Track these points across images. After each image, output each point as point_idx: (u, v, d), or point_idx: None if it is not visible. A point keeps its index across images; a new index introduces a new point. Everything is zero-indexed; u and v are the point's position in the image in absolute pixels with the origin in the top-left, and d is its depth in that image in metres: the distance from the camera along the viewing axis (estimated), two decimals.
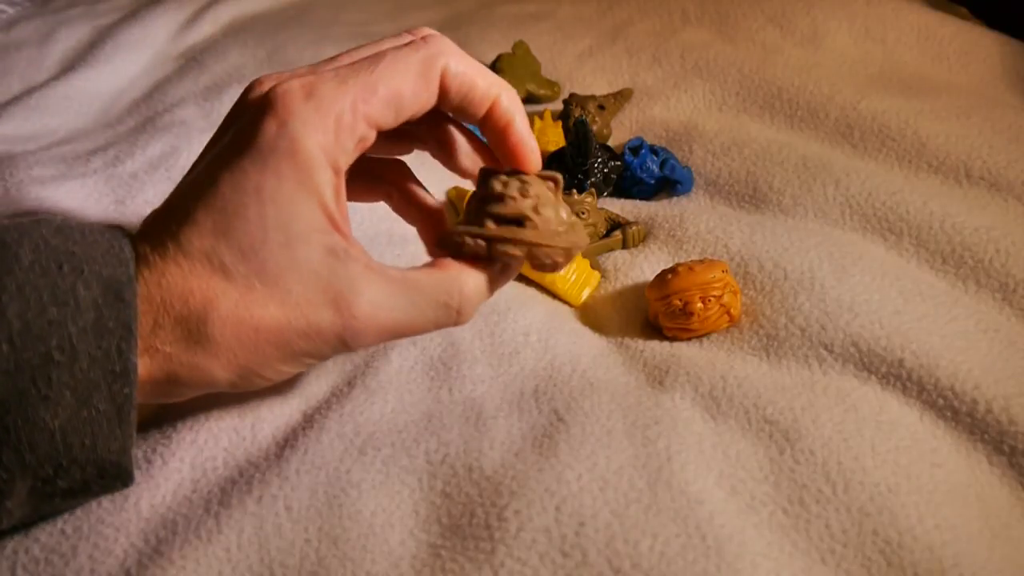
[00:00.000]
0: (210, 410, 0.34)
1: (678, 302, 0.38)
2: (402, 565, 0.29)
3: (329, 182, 0.28)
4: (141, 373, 0.27)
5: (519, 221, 0.30)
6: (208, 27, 0.78)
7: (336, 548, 0.29)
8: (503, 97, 0.31)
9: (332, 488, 0.31)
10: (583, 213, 0.45)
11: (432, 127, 0.33)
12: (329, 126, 0.27)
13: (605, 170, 0.50)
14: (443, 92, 0.30)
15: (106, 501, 0.30)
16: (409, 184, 0.35)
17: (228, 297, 0.27)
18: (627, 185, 0.51)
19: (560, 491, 0.30)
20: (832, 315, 0.37)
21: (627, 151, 0.51)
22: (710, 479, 0.31)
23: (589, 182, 0.50)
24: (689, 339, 0.39)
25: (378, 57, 0.29)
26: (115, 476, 0.28)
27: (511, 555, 0.28)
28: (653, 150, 0.51)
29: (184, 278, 0.27)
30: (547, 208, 0.30)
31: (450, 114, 0.32)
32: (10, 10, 0.85)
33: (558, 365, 0.37)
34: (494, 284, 0.31)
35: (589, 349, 0.38)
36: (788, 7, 0.66)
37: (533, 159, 0.31)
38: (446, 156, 0.33)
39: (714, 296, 0.38)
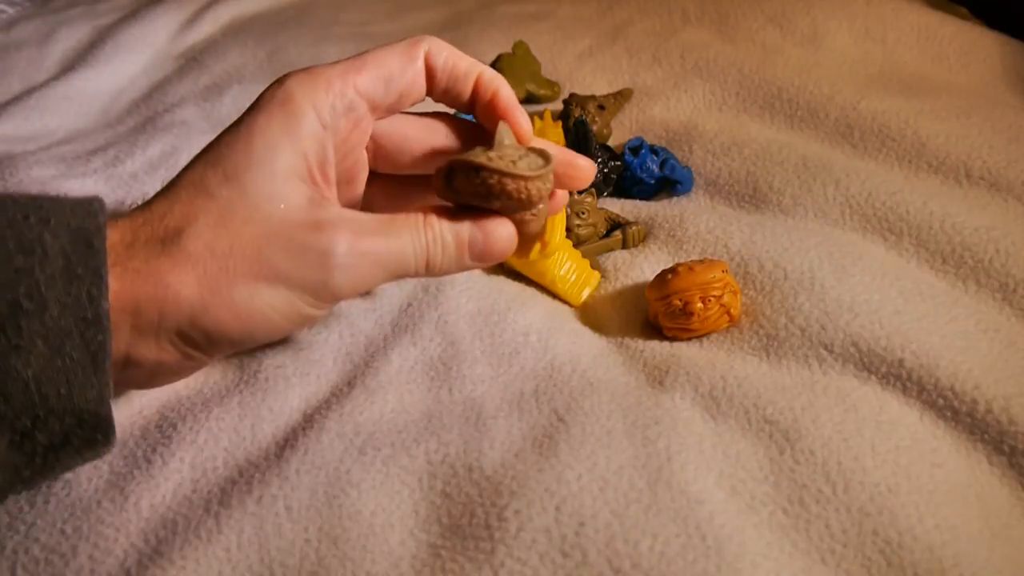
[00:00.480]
0: (210, 410, 0.34)
1: (678, 302, 0.38)
2: (402, 565, 0.29)
3: (314, 135, 0.30)
4: (112, 295, 0.27)
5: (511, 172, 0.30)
6: (208, 27, 0.78)
7: (336, 548, 0.29)
8: (485, 73, 0.33)
9: (332, 488, 0.31)
10: (583, 213, 0.45)
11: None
12: (320, 86, 0.30)
13: (605, 170, 0.50)
14: (430, 75, 0.33)
15: (106, 501, 0.30)
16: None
17: (209, 213, 0.28)
18: (627, 185, 0.51)
19: (560, 491, 0.30)
20: (832, 315, 0.37)
21: (627, 151, 0.51)
22: (710, 479, 0.31)
23: None
24: (689, 339, 0.39)
25: (368, 50, 0.32)
26: (94, 427, 0.27)
27: (511, 555, 0.28)
28: (653, 150, 0.51)
29: (168, 204, 0.28)
30: (525, 160, 0.30)
31: (442, 103, 0.34)
32: (10, 10, 0.85)
33: (558, 365, 0.37)
34: (473, 245, 0.31)
35: (589, 349, 0.38)
36: (788, 7, 0.66)
37: (523, 120, 0.33)
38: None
39: (714, 296, 0.38)
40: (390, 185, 0.36)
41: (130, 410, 0.34)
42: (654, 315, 0.39)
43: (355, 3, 0.84)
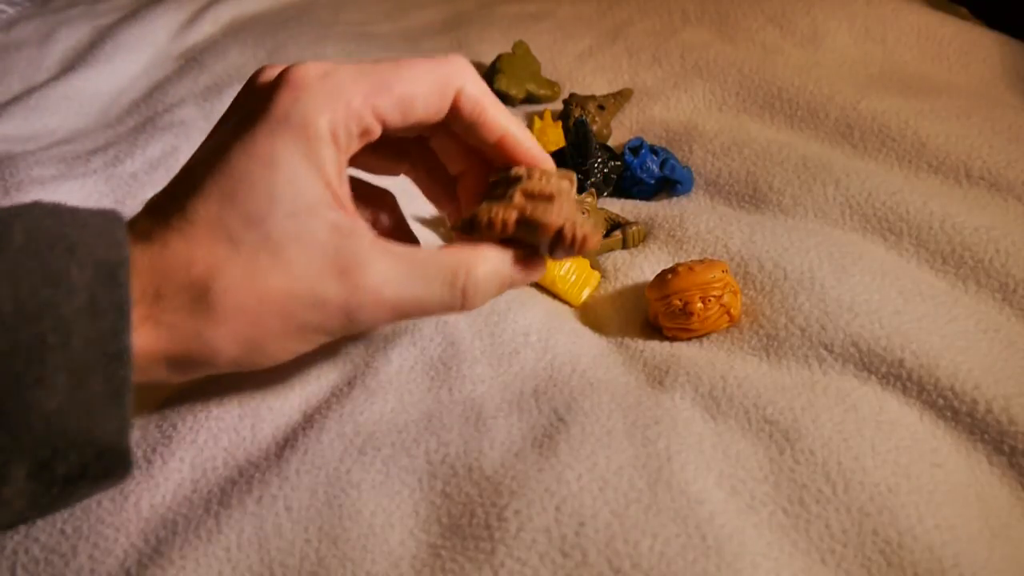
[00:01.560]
0: (210, 410, 0.34)
1: (678, 302, 0.38)
2: (402, 565, 0.29)
3: (333, 160, 0.28)
4: (145, 346, 0.27)
5: (549, 198, 0.30)
6: (208, 27, 0.78)
7: (336, 548, 0.29)
8: (513, 128, 0.32)
9: (332, 488, 0.31)
10: (583, 213, 0.45)
11: (423, 148, 0.35)
12: (339, 108, 0.28)
13: (605, 170, 0.50)
14: (456, 110, 0.31)
15: (106, 501, 0.30)
16: (431, 157, 0.35)
17: (233, 265, 0.27)
18: (627, 185, 0.51)
19: (560, 491, 0.30)
20: (832, 315, 0.37)
21: (627, 151, 0.51)
22: (710, 479, 0.31)
23: (589, 182, 0.50)
24: (689, 339, 0.39)
25: (399, 63, 0.30)
26: (113, 460, 0.27)
27: (511, 555, 0.28)
28: (653, 150, 0.51)
29: (188, 247, 0.27)
30: (569, 193, 0.30)
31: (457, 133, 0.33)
32: (10, 10, 0.85)
33: (558, 365, 0.37)
34: (512, 274, 0.31)
35: (589, 349, 0.38)
36: (788, 7, 0.66)
37: (550, 166, 0.33)
38: (434, 170, 0.35)
39: (714, 296, 0.38)
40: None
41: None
42: (654, 315, 0.39)
43: (355, 3, 0.84)
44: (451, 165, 0.35)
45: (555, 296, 0.43)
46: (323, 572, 0.28)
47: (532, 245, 0.31)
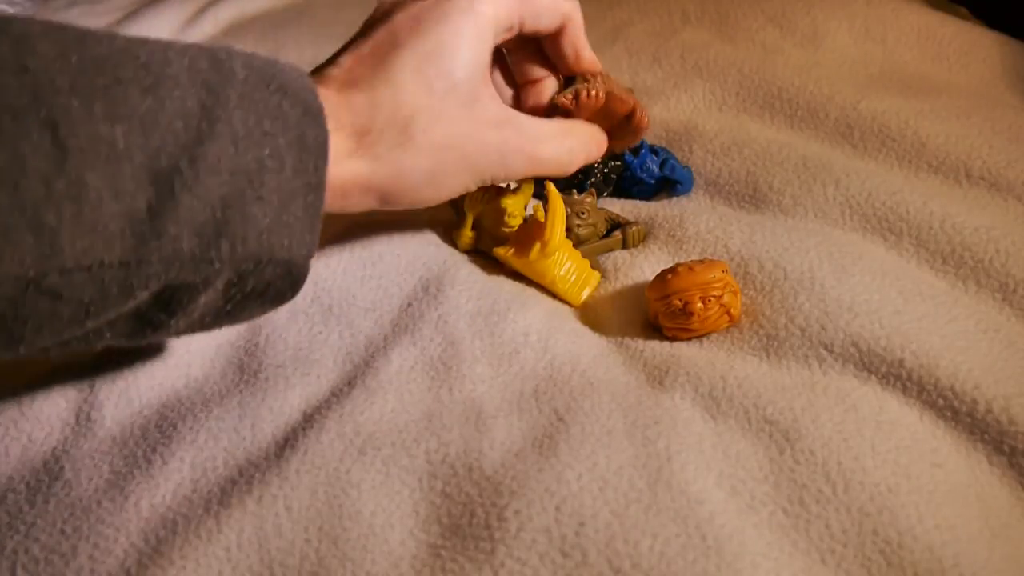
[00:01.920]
0: (210, 410, 0.34)
1: (678, 302, 0.38)
2: (402, 565, 0.29)
3: (492, 41, 0.37)
4: (354, 171, 0.33)
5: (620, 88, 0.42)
6: (208, 27, 0.78)
7: (336, 548, 0.29)
8: (592, 54, 0.43)
9: (332, 488, 0.31)
10: (583, 213, 0.45)
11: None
12: (503, 5, 0.37)
13: (605, 170, 0.50)
14: (561, 31, 0.41)
15: (106, 501, 0.30)
16: (504, 67, 0.44)
17: (431, 109, 0.34)
18: (627, 185, 0.51)
19: (560, 491, 0.30)
20: (832, 315, 0.37)
21: (627, 151, 0.51)
22: (710, 479, 0.31)
23: (589, 182, 0.50)
24: (689, 339, 0.39)
25: None
26: (296, 278, 0.31)
27: (511, 555, 0.28)
28: (653, 150, 0.51)
29: (394, 93, 0.34)
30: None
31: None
32: (10, 10, 0.85)
33: (558, 365, 0.37)
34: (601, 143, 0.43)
35: (589, 349, 0.38)
36: (788, 7, 0.66)
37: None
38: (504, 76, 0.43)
39: (714, 296, 0.38)
40: None
41: (130, 410, 0.34)
42: (654, 315, 0.39)
43: (355, 3, 0.84)
44: (520, 75, 0.43)
45: (555, 296, 0.43)
46: (323, 572, 0.28)
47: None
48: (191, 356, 0.37)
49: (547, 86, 0.43)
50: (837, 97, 0.55)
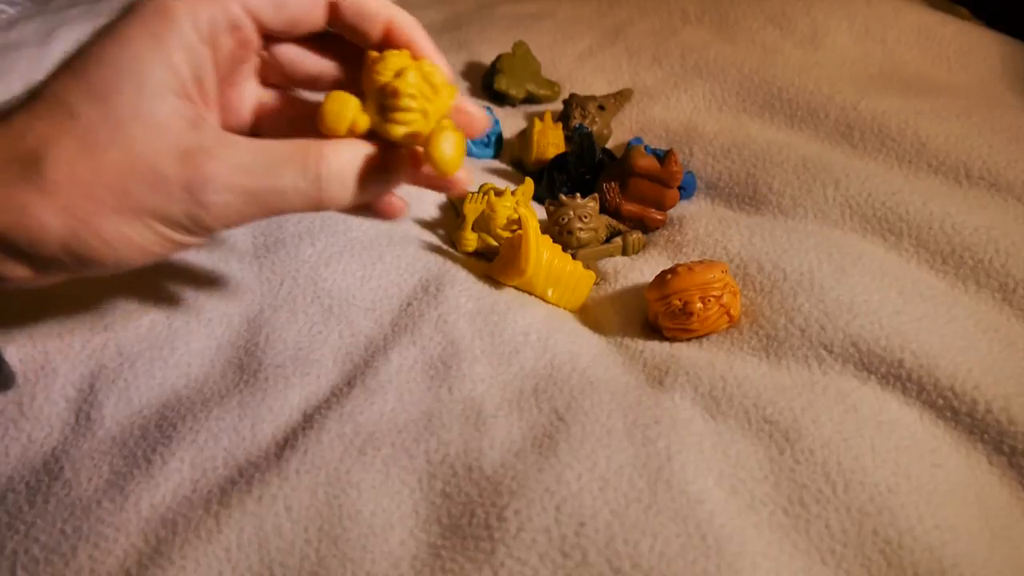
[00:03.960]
0: (210, 410, 0.34)
1: (678, 302, 0.38)
2: (402, 565, 0.29)
3: (190, 48, 0.27)
4: None
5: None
6: None
7: (336, 548, 0.29)
8: (397, 17, 0.30)
9: (332, 488, 0.31)
10: (585, 217, 0.45)
11: None
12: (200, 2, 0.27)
13: (581, 169, 0.50)
14: (334, 7, 0.30)
15: (106, 501, 0.30)
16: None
17: (70, 136, 0.26)
18: None
19: (560, 491, 0.30)
20: (832, 315, 0.37)
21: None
22: (710, 479, 0.31)
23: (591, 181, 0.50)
24: (689, 339, 0.39)
25: None
26: None
27: (511, 555, 0.28)
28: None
29: (29, 121, 0.26)
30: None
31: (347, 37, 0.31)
32: (10, 10, 0.85)
33: (558, 364, 0.37)
34: (373, 167, 0.29)
35: (589, 349, 0.38)
36: (788, 7, 0.66)
37: (434, 59, 0.31)
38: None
39: (713, 296, 0.38)
40: (285, 101, 0.33)
41: (130, 410, 0.34)
42: (654, 316, 0.39)
43: None
44: (295, 73, 0.33)
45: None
46: (323, 572, 0.28)
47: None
48: (191, 356, 0.37)
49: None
50: (837, 97, 0.55)
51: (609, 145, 0.57)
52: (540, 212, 0.49)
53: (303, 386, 0.36)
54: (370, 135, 0.29)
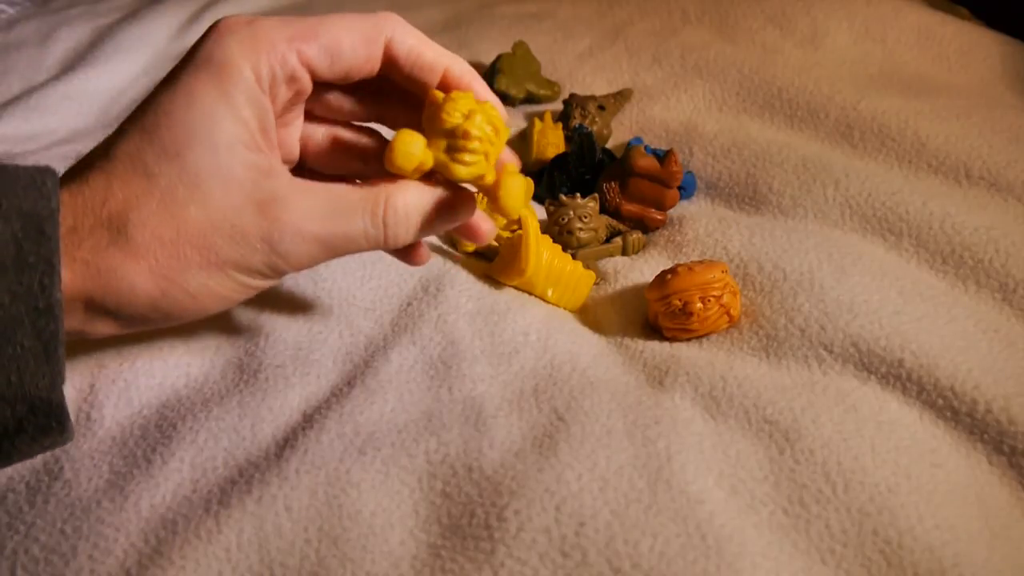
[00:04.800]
0: (210, 410, 0.34)
1: (678, 302, 0.38)
2: (402, 565, 0.29)
3: (255, 102, 0.28)
4: (63, 286, 0.27)
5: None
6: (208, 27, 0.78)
7: (336, 548, 0.29)
8: (454, 67, 0.32)
9: (332, 488, 0.31)
10: (585, 217, 0.45)
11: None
12: (261, 51, 0.28)
13: (581, 169, 0.50)
14: (391, 60, 0.31)
15: (106, 501, 0.30)
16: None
17: (150, 197, 0.27)
18: None
19: (560, 491, 0.30)
20: (832, 315, 0.37)
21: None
22: (710, 479, 0.31)
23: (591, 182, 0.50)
24: (689, 339, 0.39)
25: (327, 15, 0.30)
26: (47, 414, 0.27)
27: (511, 555, 0.28)
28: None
29: (107, 182, 0.27)
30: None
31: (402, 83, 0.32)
32: (10, 10, 0.85)
33: (558, 364, 0.37)
34: (436, 209, 0.31)
35: (589, 349, 0.38)
36: (788, 7, 0.66)
37: (494, 104, 0.32)
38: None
39: (713, 296, 0.38)
40: (328, 134, 0.34)
41: (130, 410, 0.34)
42: (654, 316, 0.39)
43: (355, 3, 0.84)
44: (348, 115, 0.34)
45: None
46: (323, 572, 0.28)
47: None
48: (191, 356, 0.37)
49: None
50: (837, 97, 0.55)
51: (609, 145, 0.57)
52: (540, 212, 0.49)
53: (303, 386, 0.36)
54: (428, 173, 0.30)
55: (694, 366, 0.36)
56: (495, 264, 0.42)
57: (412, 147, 0.29)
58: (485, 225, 0.34)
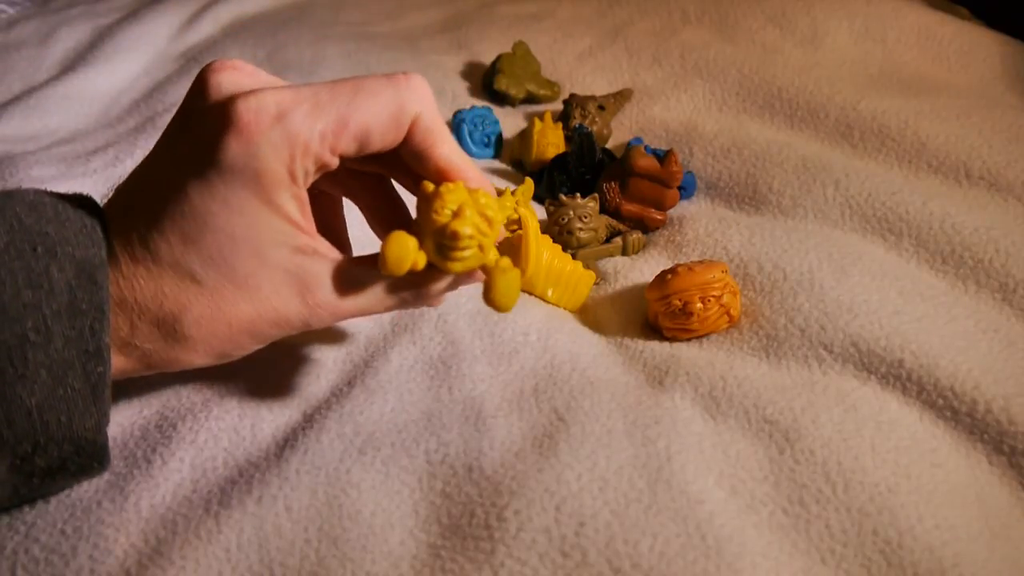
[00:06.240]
0: (210, 410, 0.34)
1: (677, 302, 0.38)
2: (402, 565, 0.29)
3: (294, 198, 0.29)
4: (124, 367, 0.29)
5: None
6: (208, 27, 0.78)
7: (336, 548, 0.29)
8: (457, 162, 0.31)
9: (332, 488, 0.31)
10: (585, 217, 0.45)
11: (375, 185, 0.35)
12: (297, 153, 0.28)
13: (582, 169, 0.50)
14: (408, 137, 0.30)
15: (106, 501, 0.30)
16: (385, 192, 0.36)
17: (200, 301, 0.28)
18: None
19: (560, 491, 0.30)
20: (832, 315, 0.37)
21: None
22: (710, 479, 0.31)
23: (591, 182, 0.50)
24: (689, 339, 0.39)
25: (357, 88, 0.29)
26: (91, 454, 0.29)
27: (511, 555, 0.28)
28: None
29: (156, 283, 0.28)
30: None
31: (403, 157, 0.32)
32: (10, 10, 0.85)
33: (558, 364, 0.37)
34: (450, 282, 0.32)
35: (589, 349, 0.38)
36: (788, 7, 0.66)
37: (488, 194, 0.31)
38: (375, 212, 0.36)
39: (713, 296, 0.38)
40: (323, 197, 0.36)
41: (130, 410, 0.34)
42: (654, 316, 0.39)
43: (355, 3, 0.84)
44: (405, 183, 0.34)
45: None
46: (323, 572, 0.28)
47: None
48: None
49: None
50: (837, 97, 0.55)
51: (609, 145, 0.57)
52: (540, 212, 0.49)
53: (303, 386, 0.36)
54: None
55: (694, 366, 0.36)
56: None
57: (404, 252, 0.29)
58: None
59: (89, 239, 0.27)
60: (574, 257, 0.44)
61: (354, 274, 0.30)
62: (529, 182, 0.49)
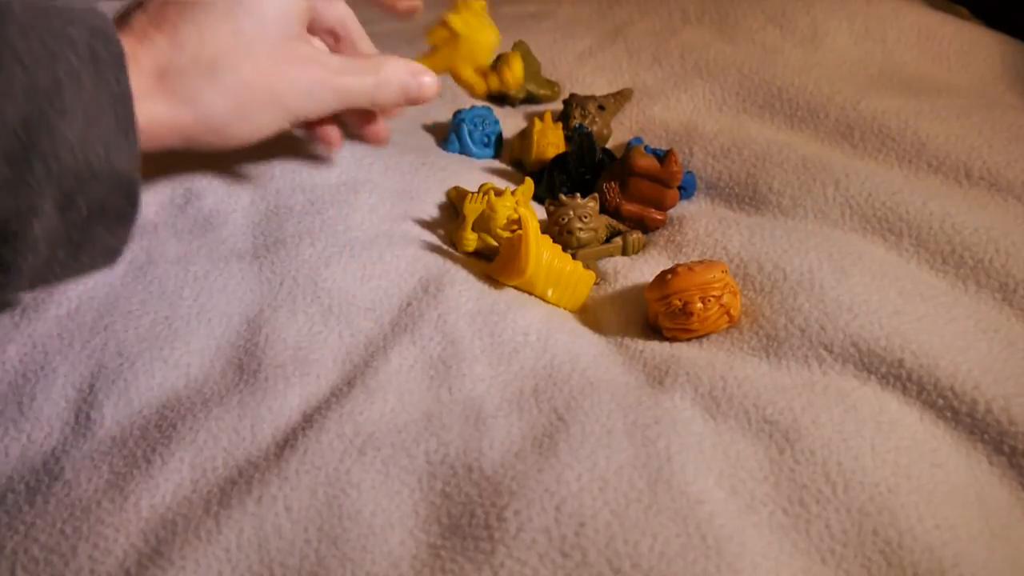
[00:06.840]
0: (210, 410, 0.34)
1: (678, 302, 0.38)
2: (402, 565, 0.29)
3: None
4: (159, 115, 0.34)
5: None
6: None
7: (336, 548, 0.29)
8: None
9: (332, 488, 0.31)
10: (585, 217, 0.45)
11: None
12: None
13: (582, 169, 0.50)
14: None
15: (106, 501, 0.30)
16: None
17: (237, 49, 0.36)
18: None
19: (560, 491, 0.30)
20: (832, 315, 0.37)
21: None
22: (710, 479, 0.31)
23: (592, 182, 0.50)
24: (689, 339, 0.39)
25: None
26: (127, 193, 0.32)
27: (511, 555, 0.28)
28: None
29: (199, 33, 0.35)
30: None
31: None
32: None
33: (558, 364, 0.37)
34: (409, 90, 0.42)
35: (589, 349, 0.38)
36: (788, 7, 0.66)
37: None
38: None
39: (713, 296, 0.38)
40: None
41: (130, 410, 0.34)
42: (654, 316, 0.39)
43: (355, 3, 0.84)
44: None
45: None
46: (323, 572, 0.28)
47: None
48: (191, 356, 0.37)
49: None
50: (837, 97, 0.55)
51: (609, 145, 0.57)
52: (540, 212, 0.49)
53: (303, 386, 0.36)
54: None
55: (694, 366, 0.36)
56: (495, 264, 0.42)
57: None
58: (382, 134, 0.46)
59: (95, 14, 0.32)
60: (574, 257, 0.44)
61: (346, 57, 0.42)
62: (529, 182, 0.49)
